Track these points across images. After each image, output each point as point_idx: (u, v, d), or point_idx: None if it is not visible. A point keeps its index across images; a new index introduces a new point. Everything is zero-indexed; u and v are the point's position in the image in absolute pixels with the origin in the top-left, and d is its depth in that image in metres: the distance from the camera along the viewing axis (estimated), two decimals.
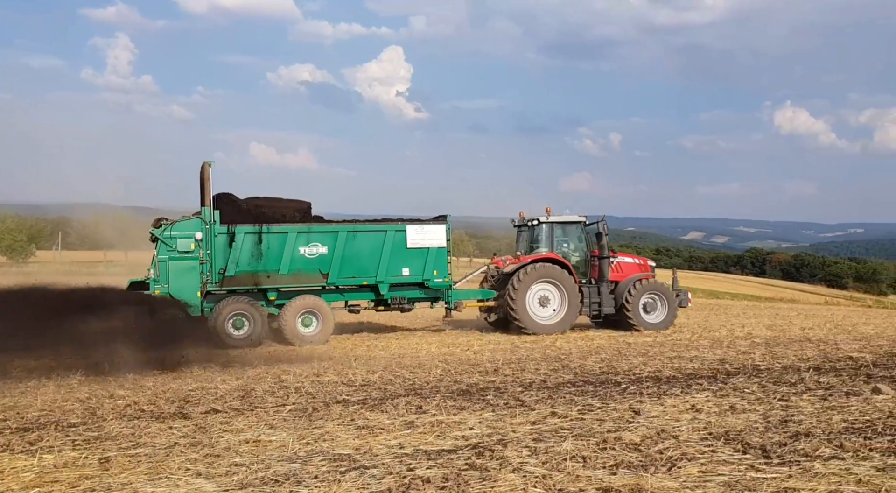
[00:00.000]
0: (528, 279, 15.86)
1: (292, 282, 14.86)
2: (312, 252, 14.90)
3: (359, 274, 15.28)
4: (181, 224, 14.30)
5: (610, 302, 16.62)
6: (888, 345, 12.45)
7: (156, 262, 14.15)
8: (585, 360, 11.41)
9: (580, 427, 6.37)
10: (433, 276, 15.63)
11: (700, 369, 9.99)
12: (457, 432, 6.34)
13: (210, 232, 14.29)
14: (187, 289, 14.17)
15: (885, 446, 5.38)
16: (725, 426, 6.27)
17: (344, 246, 15.02)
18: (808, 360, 10.65)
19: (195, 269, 14.25)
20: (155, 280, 14.06)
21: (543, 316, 16.17)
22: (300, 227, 14.92)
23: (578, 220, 17.11)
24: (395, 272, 15.43)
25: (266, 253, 14.64)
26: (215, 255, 14.35)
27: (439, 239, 15.70)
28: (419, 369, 10.76)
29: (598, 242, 16.89)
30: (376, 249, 15.27)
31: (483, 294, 16.77)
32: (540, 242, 16.86)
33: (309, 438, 6.29)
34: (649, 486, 4.48)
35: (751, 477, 4.66)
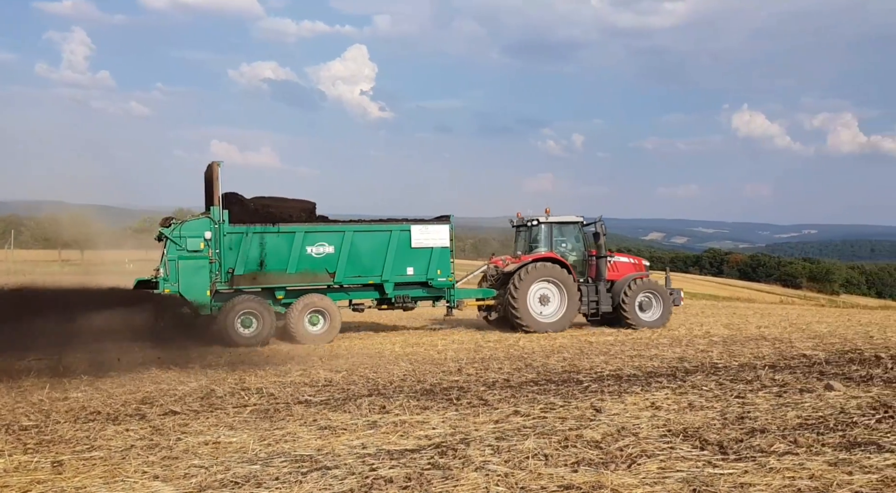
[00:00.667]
0: (528, 278, 16.10)
1: (300, 281, 14.97)
2: (319, 252, 15.04)
3: (364, 273, 15.43)
4: (190, 224, 14.33)
5: (608, 301, 16.91)
6: (840, 343, 12.79)
7: (165, 261, 14.13)
8: (548, 359, 11.49)
9: (542, 426, 6.41)
10: (437, 275, 15.83)
11: (660, 368, 10.14)
12: (420, 431, 6.33)
13: (219, 231, 14.34)
14: (197, 288, 14.17)
15: (837, 441, 5.53)
16: (684, 423, 6.37)
17: (350, 246, 15.19)
18: (764, 358, 10.89)
19: (205, 268, 14.25)
20: (164, 279, 14.07)
21: (544, 314, 16.37)
22: (308, 227, 15.07)
23: (576, 220, 17.40)
24: (400, 271, 15.62)
25: (276, 253, 14.75)
26: (224, 254, 14.40)
27: (443, 239, 15.92)
28: (383, 368, 10.72)
29: (596, 242, 17.16)
30: (381, 248, 15.46)
31: (483, 293, 16.98)
32: (539, 241, 17.11)
33: (270, 439, 6.22)
34: (609, 483, 4.54)
35: (708, 473, 4.75)
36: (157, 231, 14.85)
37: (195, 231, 14.23)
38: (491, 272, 17.42)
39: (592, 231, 17.18)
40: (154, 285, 14.28)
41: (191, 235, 14.18)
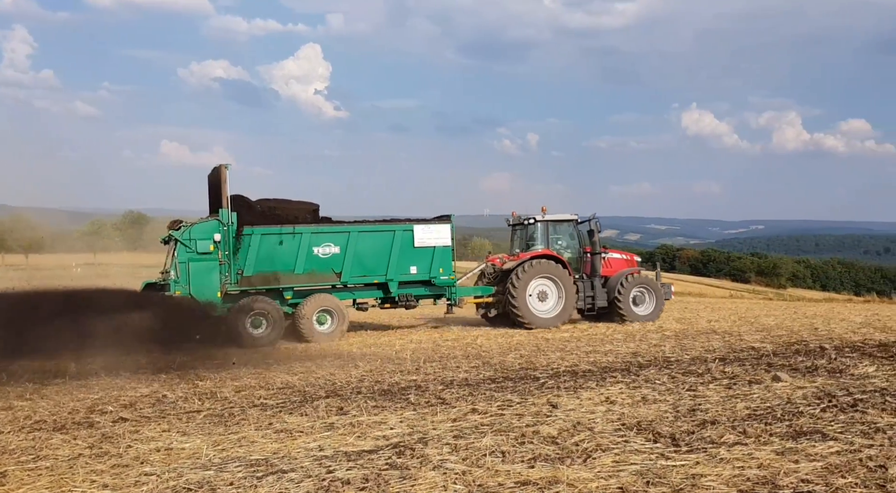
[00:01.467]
0: (527, 276, 16.43)
1: (307, 281, 15.20)
2: (326, 252, 15.29)
3: (369, 273, 15.70)
4: (200, 226, 14.47)
5: (603, 296, 17.30)
6: (787, 335, 13.19)
7: (176, 263, 14.28)
8: (505, 356, 11.57)
9: (500, 423, 6.45)
10: (439, 273, 16.16)
11: (614, 363, 10.30)
12: (378, 432, 6.31)
13: (228, 233, 14.49)
14: (208, 289, 14.32)
15: (784, 430, 5.70)
16: (638, 416, 6.48)
17: (355, 246, 15.44)
18: (715, 351, 11.16)
19: (215, 270, 14.43)
20: (175, 281, 14.19)
21: (542, 310, 16.71)
22: (314, 228, 15.31)
23: (571, 218, 17.83)
24: (404, 270, 15.90)
25: (283, 254, 14.95)
26: (233, 255, 14.57)
27: (444, 238, 16.25)
28: (340, 369, 10.64)
29: (591, 239, 17.56)
30: (385, 248, 15.72)
31: (482, 291, 17.28)
32: (535, 239, 17.46)
33: (224, 444, 6.11)
34: (565, 478, 4.59)
35: (661, 465, 4.84)
36: (166, 233, 15.09)
37: (205, 233, 14.37)
38: (488, 270, 17.76)
39: (587, 228, 17.63)
40: (161, 287, 14.47)
41: (200, 238, 14.31)
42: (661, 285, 17.93)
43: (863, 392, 7.14)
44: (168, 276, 14.53)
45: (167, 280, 14.47)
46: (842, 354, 10.16)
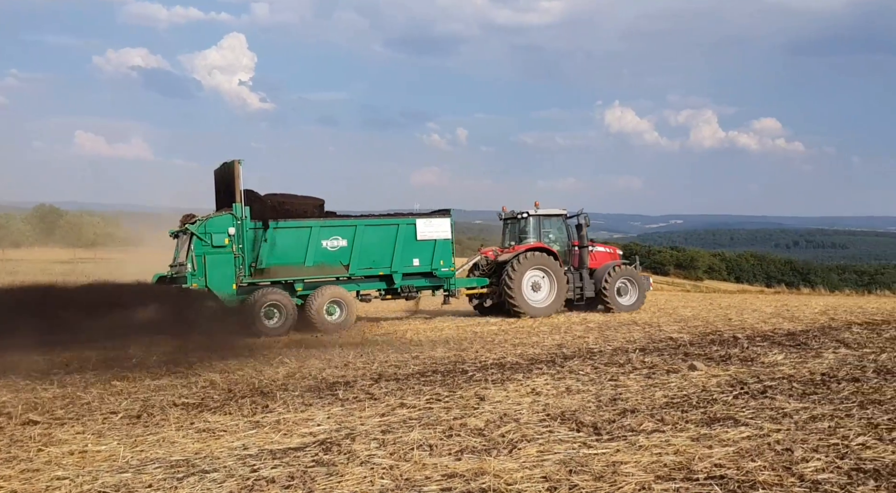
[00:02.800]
0: (522, 267, 17.13)
1: (318, 273, 15.70)
2: (334, 245, 15.83)
3: (375, 265, 16.29)
4: (214, 220, 14.88)
5: (591, 287, 18.13)
6: (703, 326, 13.75)
7: (192, 256, 14.62)
8: (434, 350, 11.62)
9: (428, 416, 6.48)
10: (440, 266, 16.85)
11: (540, 355, 10.50)
12: (304, 429, 6.23)
13: (242, 227, 14.90)
14: (223, 281, 14.73)
15: (699, 417, 5.95)
16: (562, 407, 6.64)
17: (362, 239, 16.02)
18: (635, 342, 11.53)
19: (230, 262, 14.85)
20: (192, 274, 14.54)
21: (536, 300, 17.42)
22: (323, 221, 15.88)
23: (561, 213, 18.60)
24: (407, 263, 16.53)
25: (294, 247, 15.46)
26: (247, 248, 14.97)
27: (445, 231, 16.96)
28: (266, 366, 10.44)
29: (579, 232, 18.39)
30: (390, 241, 16.34)
31: (478, 282, 17.86)
32: (528, 233, 18.21)
33: (143, 445, 5.91)
34: (491, 469, 4.65)
35: (583, 454, 4.97)
36: (176, 228, 15.73)
37: (220, 227, 14.78)
38: (482, 263, 18.47)
39: (576, 223, 18.50)
40: (173, 280, 15.07)
41: (216, 231, 14.73)
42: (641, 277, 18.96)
43: (772, 379, 7.54)
44: (182, 268, 14.91)
45: (180, 273, 14.91)
46: (753, 343, 10.68)
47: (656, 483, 4.25)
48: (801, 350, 9.68)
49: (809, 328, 12.47)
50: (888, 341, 10.26)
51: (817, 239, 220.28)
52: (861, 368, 7.97)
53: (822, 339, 10.79)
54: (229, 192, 15.21)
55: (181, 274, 14.86)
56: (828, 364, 8.34)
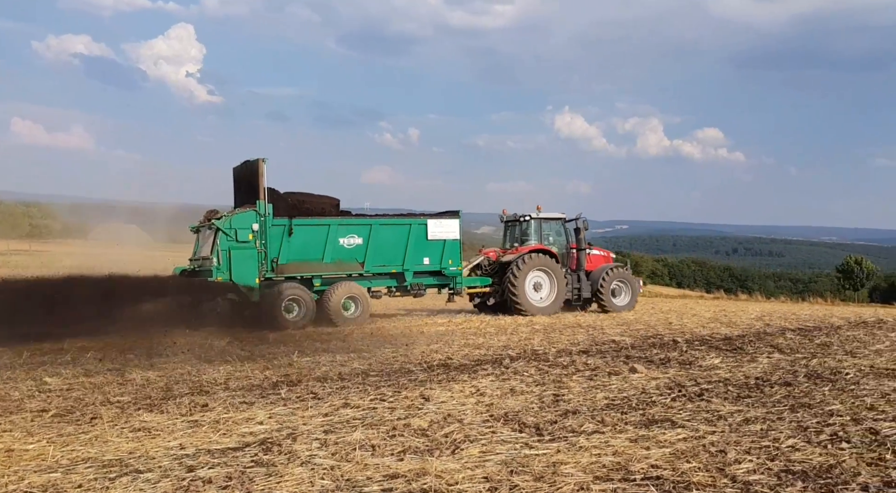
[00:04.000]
0: (525, 267, 17.84)
1: (335, 270, 16.32)
2: (350, 243, 16.49)
3: (388, 263, 16.95)
4: (239, 216, 15.42)
5: (588, 288, 18.89)
6: (645, 329, 14.06)
7: (217, 251, 15.11)
8: (381, 349, 11.56)
9: (372, 417, 6.43)
10: (448, 265, 17.59)
11: (486, 356, 10.56)
12: (244, 428, 6.11)
13: (265, 224, 15.45)
14: (247, 276, 15.21)
15: (638, 419, 6.07)
16: (505, 407, 6.68)
17: (377, 237, 16.68)
18: (579, 344, 11.70)
19: (254, 257, 15.35)
20: (217, 268, 15.02)
21: (537, 299, 18.13)
22: (340, 220, 16.59)
23: (560, 216, 19.37)
24: (418, 261, 17.25)
25: (313, 244, 16.09)
26: (269, 244, 15.52)
27: (453, 232, 17.67)
28: (208, 364, 10.22)
29: (577, 236, 19.11)
30: (402, 240, 17.02)
31: (481, 281, 18.63)
32: (529, 235, 18.95)
33: (74, 444, 5.70)
34: (433, 469, 4.65)
35: (525, 454, 5.01)
36: (196, 223, 16.52)
37: (244, 223, 15.33)
38: (484, 263, 19.13)
39: (574, 226, 19.26)
40: (194, 273, 15.79)
41: (240, 227, 15.27)
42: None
43: (708, 383, 7.75)
44: (206, 262, 15.48)
45: (203, 266, 15.53)
46: (692, 347, 10.97)
47: (595, 484, 4.32)
48: (737, 355, 9.98)
49: (745, 333, 12.87)
50: (819, 346, 10.67)
51: (755, 247, 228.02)
52: (793, 372, 8.26)
53: (757, 344, 11.15)
54: (251, 189, 15.69)
55: (205, 268, 15.38)
56: (762, 369, 8.62)
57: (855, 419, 5.80)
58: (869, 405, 6.27)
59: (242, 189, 16.66)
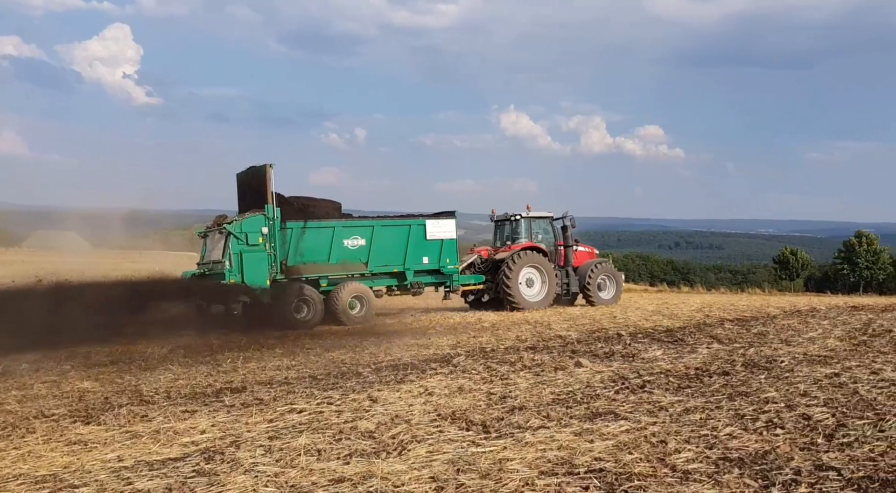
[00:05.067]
0: (518, 264, 18.62)
1: (341, 270, 16.92)
2: (354, 244, 17.08)
3: (390, 262, 17.57)
4: (249, 220, 15.92)
5: (576, 283, 19.82)
6: (590, 323, 14.28)
7: (229, 254, 15.64)
8: (329, 352, 11.45)
9: (318, 421, 6.36)
10: (446, 263, 18.23)
11: (435, 355, 10.56)
12: (186, 438, 5.96)
13: (273, 227, 15.98)
14: (259, 277, 15.73)
15: (582, 413, 6.16)
16: (453, 406, 6.69)
17: (379, 238, 17.29)
18: (526, 340, 11.81)
19: (264, 260, 15.88)
20: (229, 270, 15.52)
21: (530, 295, 18.89)
22: (344, 222, 17.27)
23: (548, 215, 20.25)
24: (418, 260, 17.88)
25: (319, 245, 16.69)
26: (278, 247, 16.07)
27: (450, 232, 18.34)
28: (148, 372, 9.95)
29: (564, 233, 20.06)
30: (403, 240, 17.64)
31: (475, 279, 19.27)
32: (520, 233, 19.73)
33: (5, 461, 5.47)
34: (380, 471, 4.62)
35: (472, 452, 5.03)
36: (203, 228, 17.26)
37: (254, 227, 15.84)
38: (477, 261, 19.67)
39: (561, 225, 20.15)
40: (205, 276, 16.32)
41: (251, 231, 15.79)
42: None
43: (651, 374, 7.92)
44: (217, 266, 15.98)
45: (214, 270, 16.04)
46: (635, 339, 11.20)
47: (539, 479, 4.36)
48: (678, 346, 10.23)
49: (686, 325, 13.20)
50: (756, 336, 11.02)
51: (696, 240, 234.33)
52: (731, 362, 8.51)
53: (697, 335, 11.45)
54: (258, 194, 16.26)
55: (217, 271, 15.89)
56: (701, 359, 8.85)
57: (789, 405, 6.01)
58: (802, 392, 6.50)
59: (247, 194, 17.19)
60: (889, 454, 4.53)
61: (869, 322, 11.71)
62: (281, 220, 16.08)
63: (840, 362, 8.04)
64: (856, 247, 70.78)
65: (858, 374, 7.19)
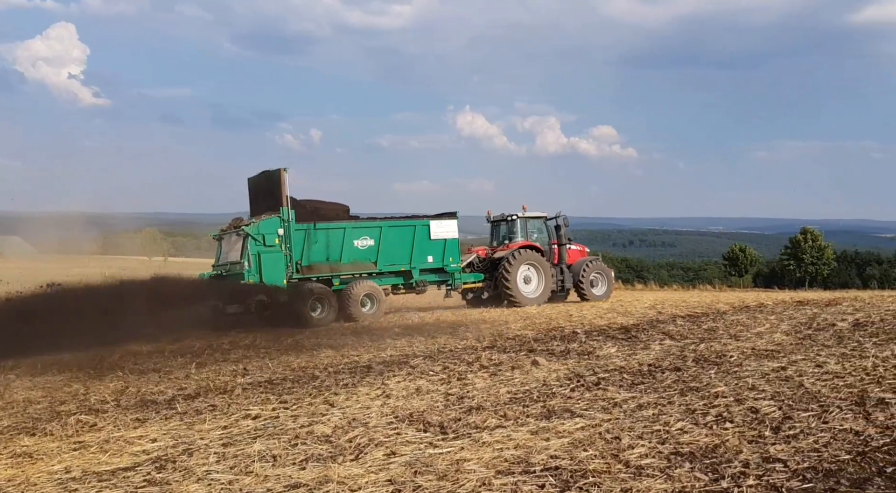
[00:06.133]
0: (517, 262, 19.47)
1: (352, 270, 17.65)
2: (364, 244, 17.82)
3: (397, 262, 18.30)
4: (266, 222, 16.55)
5: (570, 280, 20.69)
6: (546, 322, 14.42)
7: (248, 255, 16.25)
8: (285, 356, 11.32)
9: (274, 426, 6.28)
10: (449, 262, 18.98)
11: (392, 356, 10.53)
12: (137, 447, 5.82)
13: (288, 229, 16.68)
14: (276, 277, 16.38)
15: (539, 411, 6.22)
16: (410, 408, 6.68)
17: (387, 238, 18.03)
18: (484, 340, 11.87)
19: (281, 260, 16.58)
20: (248, 271, 16.18)
21: (528, 291, 19.69)
22: (354, 223, 17.94)
23: (543, 215, 21.14)
24: (423, 259, 18.64)
25: (331, 246, 17.38)
26: (293, 247, 16.75)
27: (453, 231, 19.10)
28: (97, 380, 9.69)
29: (558, 232, 20.97)
30: (408, 240, 18.38)
31: (475, 277, 20.02)
32: (516, 233, 20.62)
33: None
34: (336, 476, 4.59)
35: (429, 454, 5.03)
36: (218, 232, 17.88)
37: (270, 228, 16.49)
38: (475, 261, 20.34)
39: (554, 224, 21.04)
40: (223, 277, 16.92)
41: (267, 232, 16.42)
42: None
43: (605, 371, 8.03)
44: (234, 266, 16.61)
45: (230, 271, 16.72)
46: (590, 337, 11.34)
47: (496, 478, 4.38)
48: (631, 343, 10.40)
49: (640, 322, 13.43)
50: (706, 331, 11.27)
51: (650, 239, 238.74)
52: (682, 358, 8.69)
53: (650, 332, 11.66)
54: (273, 197, 16.90)
55: (235, 271, 16.52)
56: (654, 355, 9.02)
57: (738, 399, 6.17)
58: (750, 386, 6.67)
59: (260, 198, 17.81)
60: (832, 444, 4.68)
61: (814, 317, 12.09)
62: (296, 222, 16.84)
63: (786, 356, 8.28)
64: (801, 243, 73.01)
65: (804, 367, 7.42)
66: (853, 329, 10.25)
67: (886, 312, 12.00)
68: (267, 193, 17.33)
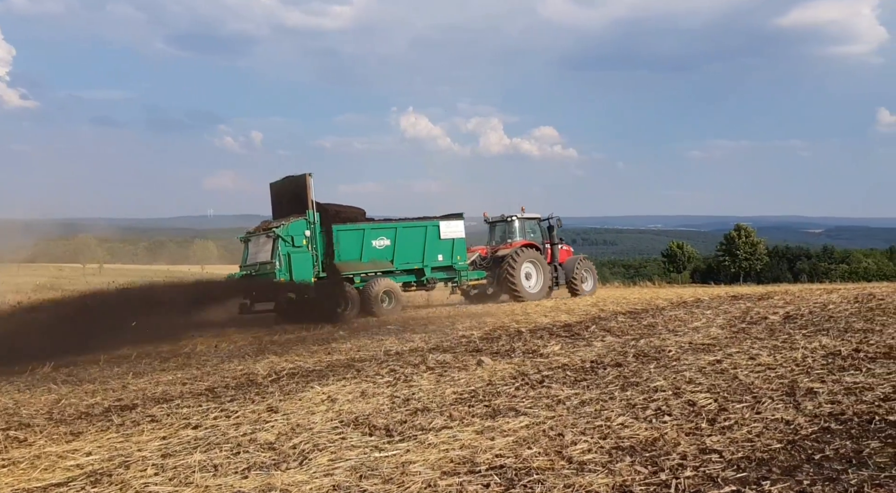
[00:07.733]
0: (520, 260, 20.83)
1: (371, 268, 18.73)
2: (381, 244, 18.96)
3: (411, 260, 19.49)
4: (294, 225, 17.54)
5: (563, 277, 22.36)
6: (492, 321, 14.53)
7: (278, 255, 17.19)
8: (224, 363, 11.09)
9: (215, 435, 6.14)
10: (457, 260, 20.22)
11: (338, 360, 10.43)
12: (70, 461, 5.60)
13: (315, 230, 17.77)
14: (305, 275, 17.39)
15: (484, 411, 6.26)
16: (356, 411, 6.63)
17: (401, 238, 19.19)
18: (431, 341, 11.88)
19: (309, 259, 17.58)
20: (279, 270, 17.12)
21: (529, 287, 21.01)
22: (371, 225, 19.11)
23: (538, 216, 22.75)
24: (434, 258, 19.81)
25: (353, 246, 18.52)
26: (320, 248, 17.91)
27: (460, 232, 20.34)
28: (25, 393, 9.29)
29: (551, 232, 22.66)
30: (421, 240, 19.58)
31: (477, 274, 21.10)
32: (514, 233, 22.10)
33: None
34: (280, 483, 4.52)
35: (374, 457, 5.00)
36: (244, 234, 18.93)
37: (298, 230, 17.51)
38: (478, 260, 21.47)
39: (547, 225, 22.71)
40: (252, 276, 17.79)
41: (296, 234, 17.45)
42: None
43: (549, 369, 8.15)
44: (264, 266, 17.47)
45: (260, 270, 17.58)
46: (535, 336, 11.48)
47: (442, 479, 4.39)
48: (574, 340, 10.58)
49: (583, 320, 13.67)
50: (646, 327, 11.56)
51: (591, 237, 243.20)
52: (623, 353, 8.88)
53: (592, 329, 11.88)
54: (298, 201, 17.91)
55: (264, 271, 17.41)
56: (596, 352, 9.19)
57: (676, 392, 6.34)
58: (688, 379, 6.87)
59: (284, 201, 18.87)
60: (765, 434, 4.86)
61: (747, 311, 12.53)
62: (321, 225, 17.95)
63: (721, 349, 8.56)
64: (735, 239, 75.55)
65: (738, 360, 7.68)
66: (784, 322, 10.67)
67: (815, 305, 12.53)
68: (292, 196, 18.34)
